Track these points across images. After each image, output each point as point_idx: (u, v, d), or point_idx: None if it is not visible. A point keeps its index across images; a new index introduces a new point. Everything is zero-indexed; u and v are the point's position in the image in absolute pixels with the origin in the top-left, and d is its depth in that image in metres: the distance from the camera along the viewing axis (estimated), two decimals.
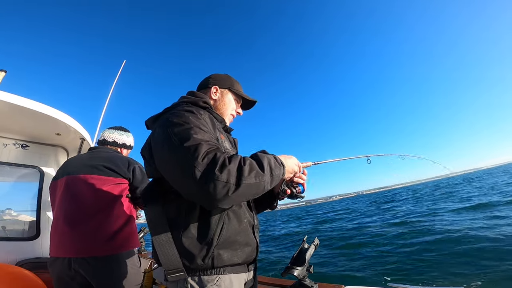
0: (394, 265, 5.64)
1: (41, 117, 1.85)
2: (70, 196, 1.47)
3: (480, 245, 5.61)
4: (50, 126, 2.08)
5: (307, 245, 1.26)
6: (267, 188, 0.75)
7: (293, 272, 1.17)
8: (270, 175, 0.75)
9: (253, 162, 0.73)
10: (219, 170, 0.64)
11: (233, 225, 0.82)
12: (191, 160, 0.66)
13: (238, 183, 0.66)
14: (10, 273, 1.71)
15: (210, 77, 1.13)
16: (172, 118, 0.79)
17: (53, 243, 1.43)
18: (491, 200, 12.11)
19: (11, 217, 2.26)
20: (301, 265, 1.18)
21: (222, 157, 0.67)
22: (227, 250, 0.79)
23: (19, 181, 2.44)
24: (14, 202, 2.34)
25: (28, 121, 1.97)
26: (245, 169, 0.68)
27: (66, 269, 1.35)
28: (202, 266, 0.76)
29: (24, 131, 2.20)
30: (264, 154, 0.79)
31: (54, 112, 1.88)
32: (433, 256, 5.61)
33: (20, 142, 2.28)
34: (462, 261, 4.85)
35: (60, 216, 1.45)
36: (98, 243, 1.38)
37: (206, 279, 0.76)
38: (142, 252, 2.43)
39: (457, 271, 4.32)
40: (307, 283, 1.21)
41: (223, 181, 0.64)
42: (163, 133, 0.76)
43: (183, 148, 0.69)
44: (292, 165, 0.94)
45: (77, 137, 2.26)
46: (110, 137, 1.78)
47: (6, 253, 2.00)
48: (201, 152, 0.67)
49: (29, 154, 2.34)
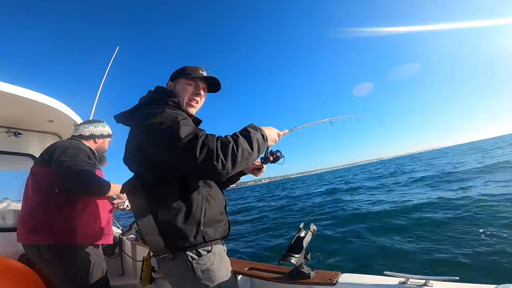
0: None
1: (33, 104, 1.80)
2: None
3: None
4: (42, 113, 2.04)
5: (304, 232, 1.25)
6: (251, 163, 0.95)
7: (290, 260, 1.17)
8: (258, 152, 0.91)
9: (245, 145, 0.85)
10: (216, 160, 0.78)
11: (212, 206, 0.97)
12: (192, 156, 0.78)
13: (234, 166, 0.82)
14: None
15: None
16: (156, 119, 0.88)
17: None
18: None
19: (8, 207, 2.24)
20: (298, 253, 1.18)
21: (215, 148, 0.79)
22: (210, 227, 0.95)
23: (14, 170, 2.41)
24: (10, 191, 2.32)
25: (20, 108, 1.93)
26: (238, 155, 0.82)
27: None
28: (194, 243, 0.90)
29: (16, 118, 2.16)
30: (253, 132, 0.91)
31: (46, 98, 1.83)
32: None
33: (13, 130, 2.23)
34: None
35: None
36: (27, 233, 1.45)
37: (201, 250, 0.92)
38: (140, 240, 2.44)
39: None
40: (304, 270, 1.21)
41: (220, 169, 0.79)
42: (159, 130, 0.85)
43: (183, 141, 0.80)
44: (273, 135, 1.07)
45: (70, 123, 2.22)
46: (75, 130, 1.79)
47: (5, 245, 1.99)
48: (197, 145, 0.78)
49: (22, 142, 2.30)
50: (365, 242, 5.09)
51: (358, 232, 5.74)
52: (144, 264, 2.02)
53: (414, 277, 0.99)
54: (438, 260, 3.64)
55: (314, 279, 1.19)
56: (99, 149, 1.81)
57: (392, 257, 4.13)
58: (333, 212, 8.82)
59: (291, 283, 1.24)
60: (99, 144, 1.80)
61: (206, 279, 0.90)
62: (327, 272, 1.24)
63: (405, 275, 1.01)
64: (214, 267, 0.93)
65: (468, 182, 9.80)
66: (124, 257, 2.51)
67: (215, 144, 0.80)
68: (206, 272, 0.91)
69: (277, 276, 1.32)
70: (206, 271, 0.91)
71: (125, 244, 2.56)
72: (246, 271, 1.43)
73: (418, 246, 4.34)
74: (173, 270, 0.96)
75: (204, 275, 0.90)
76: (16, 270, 1.70)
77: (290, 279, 1.25)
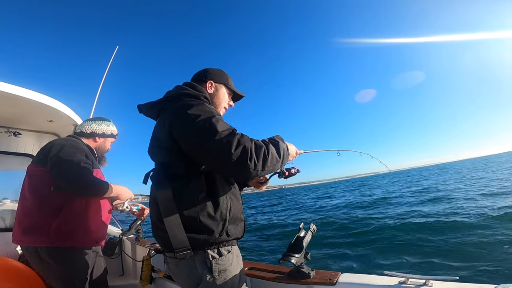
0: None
1: (33, 104, 1.80)
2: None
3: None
4: (42, 113, 2.04)
5: (304, 232, 1.25)
6: (275, 170, 0.97)
7: (290, 260, 1.17)
8: (282, 161, 0.94)
9: (274, 151, 0.89)
10: (250, 159, 0.80)
11: (235, 204, 0.99)
12: (228, 151, 0.79)
13: (263, 169, 0.84)
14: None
15: (206, 71, 1.18)
16: (195, 110, 0.89)
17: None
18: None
19: (8, 207, 2.24)
20: (298, 252, 1.18)
21: (250, 148, 0.81)
22: (233, 225, 0.95)
23: (13, 170, 2.41)
24: (9, 191, 2.32)
25: (20, 108, 1.93)
26: (269, 159, 0.85)
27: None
28: (218, 239, 0.90)
29: (16, 119, 2.15)
30: (281, 143, 0.96)
31: (46, 98, 1.83)
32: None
33: (13, 130, 2.23)
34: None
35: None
36: (21, 234, 1.43)
37: (222, 249, 0.91)
38: (140, 240, 2.44)
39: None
40: (304, 270, 1.21)
41: (251, 169, 0.81)
42: (194, 123, 0.86)
43: (221, 135, 0.81)
44: (293, 151, 1.12)
45: (69, 123, 2.22)
46: (77, 128, 1.76)
47: (5, 245, 1.99)
48: (234, 142, 0.80)
49: (21, 142, 2.30)
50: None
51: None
52: (144, 264, 2.02)
53: (414, 277, 0.98)
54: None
55: (314, 279, 1.19)
56: (99, 148, 1.76)
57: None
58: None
59: (291, 283, 1.24)
60: (99, 143, 1.75)
61: (221, 280, 0.89)
62: (327, 272, 1.24)
63: (405, 275, 1.01)
64: (231, 268, 0.92)
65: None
66: (124, 257, 2.51)
67: (250, 144, 0.82)
68: (223, 273, 0.90)
69: (277, 276, 1.32)
70: (223, 272, 0.90)
71: (125, 244, 2.56)
72: (246, 271, 1.43)
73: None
74: (185, 269, 0.92)
75: (220, 276, 0.89)
76: (16, 270, 1.70)
77: (290, 279, 1.25)
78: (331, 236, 7.18)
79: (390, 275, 1.05)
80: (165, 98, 1.06)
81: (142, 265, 2.04)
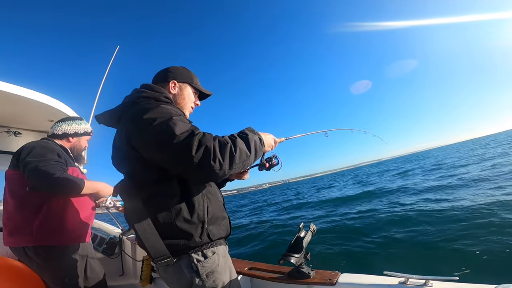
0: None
1: (33, 104, 1.80)
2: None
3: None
4: (42, 113, 2.04)
5: (304, 232, 1.25)
6: (248, 166, 0.91)
7: (290, 259, 1.17)
8: (255, 155, 0.90)
9: (243, 146, 0.84)
10: (213, 159, 0.76)
11: (213, 203, 0.95)
12: (188, 154, 0.75)
13: (231, 167, 0.80)
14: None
15: (167, 70, 1.12)
16: (151, 114, 0.84)
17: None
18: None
19: None
20: (298, 252, 1.18)
21: (213, 148, 0.77)
22: (214, 225, 0.92)
23: None
24: None
25: (20, 108, 1.93)
26: (236, 156, 0.80)
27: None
28: (200, 243, 0.87)
29: (16, 118, 2.16)
30: (251, 135, 0.90)
31: (46, 98, 1.83)
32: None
33: (13, 130, 2.24)
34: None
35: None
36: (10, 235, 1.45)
37: (207, 251, 0.88)
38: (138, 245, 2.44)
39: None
40: (304, 270, 1.21)
41: (217, 169, 0.76)
42: (149, 128, 0.81)
43: (179, 138, 0.76)
44: (270, 141, 1.08)
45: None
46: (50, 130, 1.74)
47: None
48: (194, 144, 0.75)
49: (22, 141, 2.30)
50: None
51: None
52: (144, 264, 2.02)
53: (414, 277, 0.98)
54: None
55: (314, 279, 1.19)
56: (74, 147, 1.77)
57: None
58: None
59: (291, 283, 1.24)
60: (73, 142, 1.76)
61: (210, 283, 0.88)
62: (327, 272, 1.24)
63: (405, 275, 1.01)
64: (219, 269, 0.90)
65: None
66: (124, 257, 2.51)
67: (212, 143, 0.77)
68: (211, 275, 0.88)
69: (277, 276, 1.32)
70: (211, 274, 0.88)
71: (125, 244, 2.55)
72: (246, 271, 1.43)
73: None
74: (174, 275, 0.90)
75: (208, 278, 0.87)
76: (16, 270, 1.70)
77: (290, 279, 1.25)
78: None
79: (390, 275, 1.05)
80: (123, 104, 1.00)
81: (142, 265, 2.04)
